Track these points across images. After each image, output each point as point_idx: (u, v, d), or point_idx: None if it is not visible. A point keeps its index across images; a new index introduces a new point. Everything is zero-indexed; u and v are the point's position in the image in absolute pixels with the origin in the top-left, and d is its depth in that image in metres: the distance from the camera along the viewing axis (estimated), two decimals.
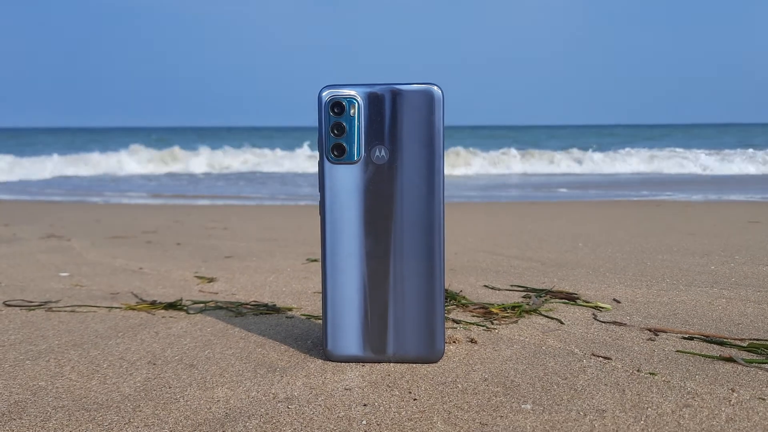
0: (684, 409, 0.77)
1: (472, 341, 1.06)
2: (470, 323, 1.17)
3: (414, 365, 0.93)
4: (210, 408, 0.78)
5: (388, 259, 0.92)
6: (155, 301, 1.32)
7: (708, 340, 1.06)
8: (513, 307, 1.28)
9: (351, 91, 0.90)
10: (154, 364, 0.94)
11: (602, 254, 2.02)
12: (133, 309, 1.27)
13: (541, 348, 1.02)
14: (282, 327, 1.15)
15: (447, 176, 7.87)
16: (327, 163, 0.91)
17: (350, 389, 0.84)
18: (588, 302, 1.35)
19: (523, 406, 0.79)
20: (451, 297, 1.38)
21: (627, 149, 10.14)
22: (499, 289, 1.50)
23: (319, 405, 0.79)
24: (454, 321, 1.19)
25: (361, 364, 0.94)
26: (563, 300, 1.38)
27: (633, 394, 0.82)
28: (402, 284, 0.92)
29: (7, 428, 0.72)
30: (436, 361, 0.95)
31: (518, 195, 5.56)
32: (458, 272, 1.73)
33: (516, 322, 1.19)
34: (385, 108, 0.90)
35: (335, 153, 0.90)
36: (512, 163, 9.06)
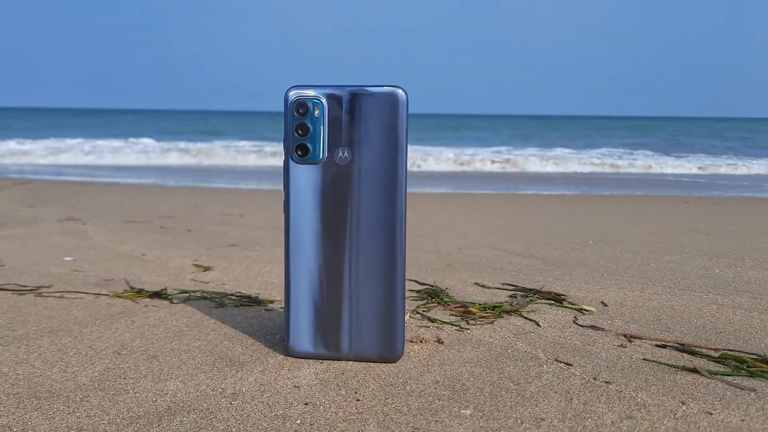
0: (625, 421, 0.76)
1: (439, 341, 1.06)
2: (445, 322, 1.17)
3: (372, 364, 0.94)
4: (155, 401, 0.80)
5: (346, 259, 0.93)
6: (142, 289, 1.35)
7: (680, 348, 1.05)
8: (494, 307, 1.27)
9: (315, 93, 0.90)
10: (119, 354, 0.97)
11: (608, 253, 1.99)
12: (119, 297, 1.30)
13: (507, 351, 1.02)
14: (257, 320, 1.17)
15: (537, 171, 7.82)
16: (291, 163, 0.92)
17: (299, 387, 0.85)
18: (573, 304, 1.33)
19: (463, 411, 0.79)
20: (435, 294, 1.38)
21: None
22: (488, 288, 1.50)
23: (262, 402, 0.80)
24: (429, 320, 1.19)
25: (319, 361, 0.95)
26: (550, 301, 1.36)
27: (579, 403, 0.81)
28: (359, 284, 0.93)
29: None
30: (394, 361, 0.95)
31: (543, 188, 5.50)
32: (454, 268, 1.73)
33: (492, 323, 1.18)
34: (349, 109, 0.90)
35: (299, 153, 0.91)
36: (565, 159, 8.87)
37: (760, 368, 0.94)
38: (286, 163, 0.92)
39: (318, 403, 0.80)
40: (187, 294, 1.33)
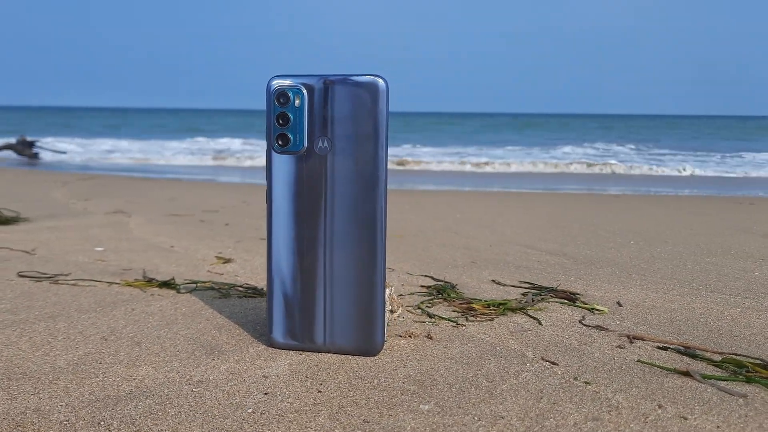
0: (590, 422, 0.72)
1: (429, 337, 1.03)
2: (443, 318, 1.14)
3: (351, 358, 0.92)
4: (120, 385, 0.81)
5: (320, 251, 0.92)
6: (153, 279, 1.37)
7: (683, 351, 0.99)
8: (499, 305, 1.24)
9: (295, 82, 0.90)
10: (106, 340, 0.98)
11: (646, 254, 1.92)
12: (130, 285, 1.33)
13: (495, 348, 0.99)
14: (255, 311, 1.17)
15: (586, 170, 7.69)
16: (273, 153, 0.91)
17: (267, 377, 0.85)
18: (586, 304, 1.28)
19: (422, 406, 0.76)
20: (442, 290, 1.35)
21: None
22: (504, 285, 1.46)
23: (224, 390, 0.80)
24: (428, 315, 1.17)
25: (299, 353, 0.94)
26: (563, 300, 1.32)
27: (547, 403, 0.78)
28: (334, 277, 0.92)
29: None
30: (373, 355, 0.93)
31: (598, 188, 5.35)
32: (477, 265, 1.69)
33: (492, 320, 1.15)
34: (330, 99, 0.89)
35: (280, 142, 0.90)
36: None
37: (759, 374, 0.88)
38: (268, 152, 0.92)
39: (278, 393, 0.80)
40: (195, 284, 1.35)
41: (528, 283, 1.47)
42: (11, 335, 0.99)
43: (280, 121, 0.90)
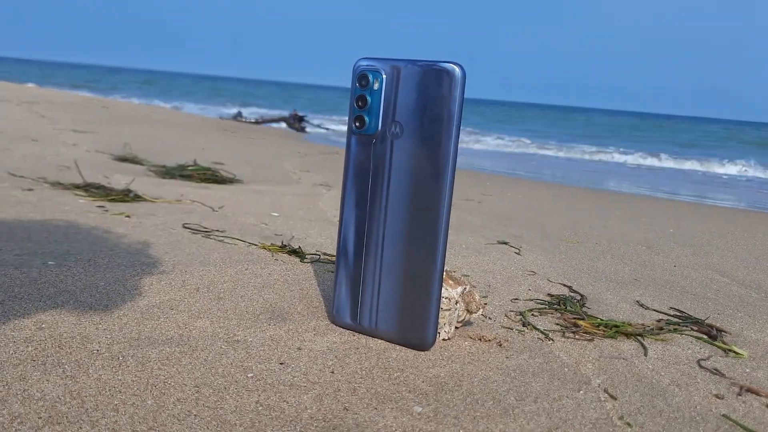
0: None
1: (500, 344, 0.97)
2: (536, 329, 1.06)
3: (396, 348, 0.90)
4: (167, 331, 0.87)
5: (378, 235, 0.90)
6: (286, 245, 1.45)
7: None
8: (612, 326, 1.11)
9: (377, 65, 0.89)
10: (198, 291, 1.07)
11: None
12: (264, 248, 1.42)
13: (560, 369, 0.89)
14: None
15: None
16: (351, 133, 0.92)
17: (301, 349, 0.86)
18: (726, 344, 1.10)
19: (415, 408, 0.72)
20: (562, 301, 1.25)
21: None
22: (647, 308, 1.31)
23: (248, 353, 0.83)
24: (522, 323, 1.09)
25: (353, 333, 0.94)
26: (702, 334, 1.15)
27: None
28: (385, 263, 0.90)
29: None
30: (424, 349, 0.90)
31: None
32: (637, 283, 1.53)
33: (591, 340, 1.04)
34: (406, 84, 0.87)
35: (357, 124, 0.91)
36: None
37: None
38: (348, 131, 0.93)
39: (293, 365, 0.80)
40: (319, 256, 1.40)
41: (678, 311, 1.30)
42: (126, 273, 1.12)
43: (359, 103, 0.90)
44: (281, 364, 0.81)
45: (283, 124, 9.06)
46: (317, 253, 1.43)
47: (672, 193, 5.23)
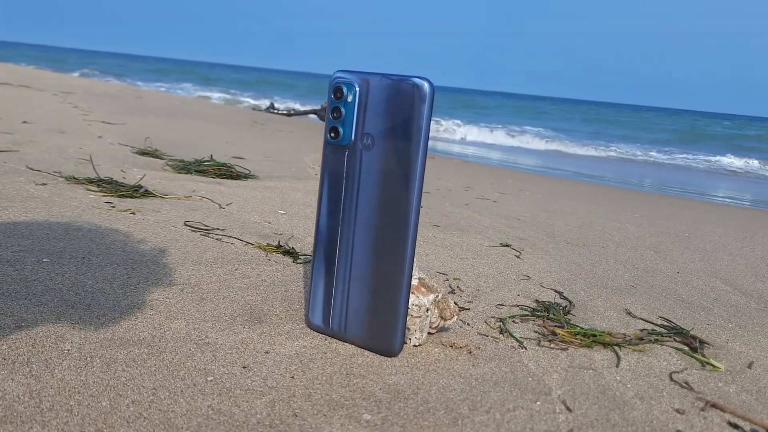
0: None
1: (470, 352, 0.99)
2: (513, 336, 1.07)
3: (362, 354, 0.92)
4: (141, 332, 0.91)
5: (348, 243, 0.93)
6: (280, 245, 1.48)
7: None
8: (589, 335, 1.12)
9: (351, 78, 0.92)
10: (182, 291, 1.10)
11: None
12: (261, 248, 1.45)
13: (523, 379, 0.91)
14: None
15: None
16: (326, 143, 0.95)
17: (268, 353, 0.89)
18: (705, 357, 1.10)
19: (364, 415, 0.74)
20: (547, 309, 1.26)
21: None
22: (635, 317, 1.31)
23: (215, 355, 0.86)
24: (500, 330, 1.10)
25: (325, 337, 0.97)
26: (683, 346, 1.15)
27: None
28: (354, 270, 0.92)
29: None
30: (390, 355, 0.92)
31: None
32: (634, 290, 1.53)
33: (566, 349, 1.05)
34: (376, 97, 0.90)
35: (332, 134, 0.94)
36: None
37: None
38: (324, 141, 0.95)
39: (256, 369, 0.83)
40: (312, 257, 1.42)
41: (666, 320, 1.30)
42: (116, 272, 1.16)
43: (334, 114, 0.93)
44: (244, 368, 0.83)
45: (314, 116, 9.12)
46: (311, 254, 1.46)
47: (701, 194, 5.15)
